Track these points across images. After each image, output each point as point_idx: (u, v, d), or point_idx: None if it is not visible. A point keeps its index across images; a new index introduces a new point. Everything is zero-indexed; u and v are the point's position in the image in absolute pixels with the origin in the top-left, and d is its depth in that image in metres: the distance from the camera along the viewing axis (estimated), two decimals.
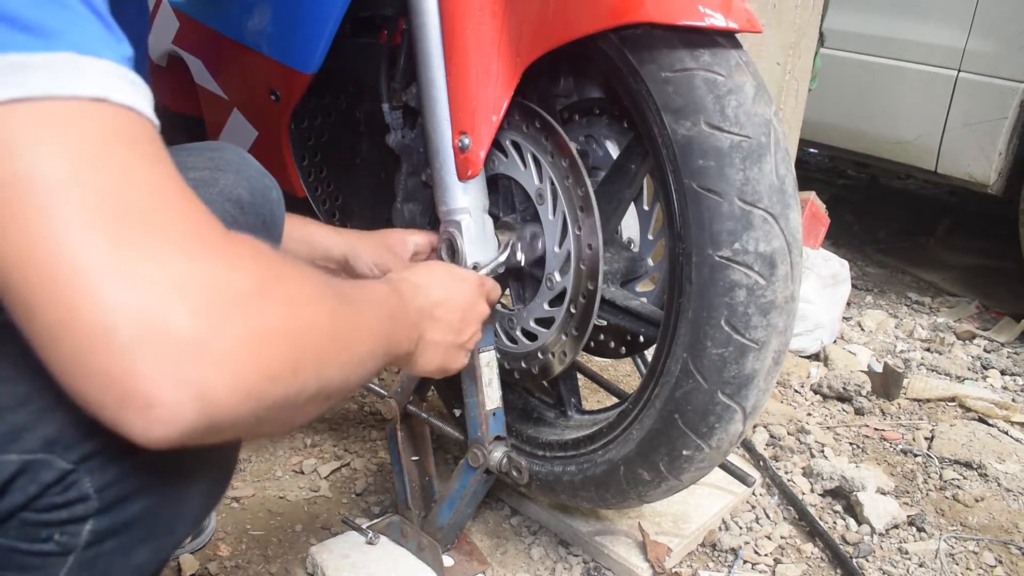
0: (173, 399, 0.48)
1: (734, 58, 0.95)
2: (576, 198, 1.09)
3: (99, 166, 0.49)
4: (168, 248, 0.49)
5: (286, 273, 0.58)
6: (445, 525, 1.21)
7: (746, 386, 0.98)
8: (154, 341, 0.47)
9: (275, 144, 1.42)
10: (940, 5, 2.55)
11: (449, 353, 0.93)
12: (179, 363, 0.48)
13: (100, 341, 0.47)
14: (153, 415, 0.48)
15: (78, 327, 0.46)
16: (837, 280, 2.19)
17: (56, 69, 0.48)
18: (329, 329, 0.60)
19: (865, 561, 1.36)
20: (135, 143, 0.51)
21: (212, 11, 1.43)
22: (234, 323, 0.50)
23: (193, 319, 0.48)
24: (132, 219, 0.48)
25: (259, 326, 0.52)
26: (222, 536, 1.29)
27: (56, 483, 0.59)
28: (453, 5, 1.04)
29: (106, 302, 0.46)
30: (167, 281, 0.48)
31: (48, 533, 0.60)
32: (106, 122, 0.50)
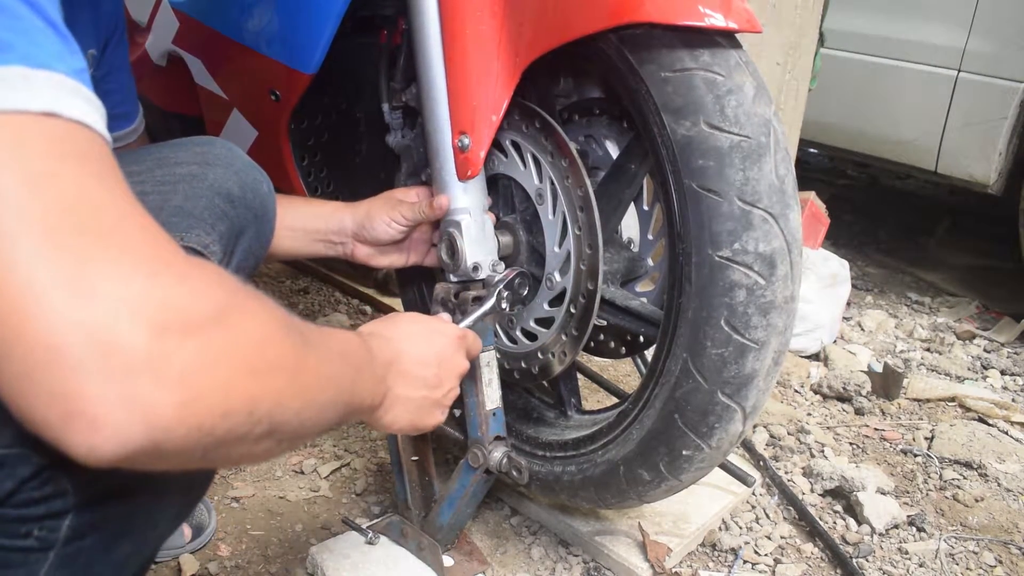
0: (118, 419, 0.46)
1: (734, 58, 0.95)
2: (576, 198, 1.09)
3: (50, 183, 0.47)
4: (122, 267, 0.47)
5: (249, 306, 0.55)
6: (445, 525, 1.21)
7: (746, 386, 0.98)
8: (103, 360, 0.46)
9: (275, 144, 1.42)
10: (940, 5, 2.55)
11: (422, 409, 0.89)
12: (128, 383, 0.46)
13: (47, 360, 0.45)
14: (98, 435, 0.47)
15: (25, 345, 0.45)
16: (837, 280, 2.19)
17: (6, 83, 0.47)
18: (291, 369, 0.58)
19: (865, 561, 1.36)
20: (86, 160, 0.50)
21: (212, 11, 1.43)
22: (189, 348, 0.48)
23: (146, 339, 0.47)
24: (86, 237, 0.47)
25: (215, 355, 0.50)
26: (222, 536, 1.29)
27: (33, 477, 0.58)
28: (453, 5, 1.04)
29: (55, 321, 0.45)
30: (120, 300, 0.46)
31: (27, 528, 0.60)
32: (57, 137, 0.49)
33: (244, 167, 1.00)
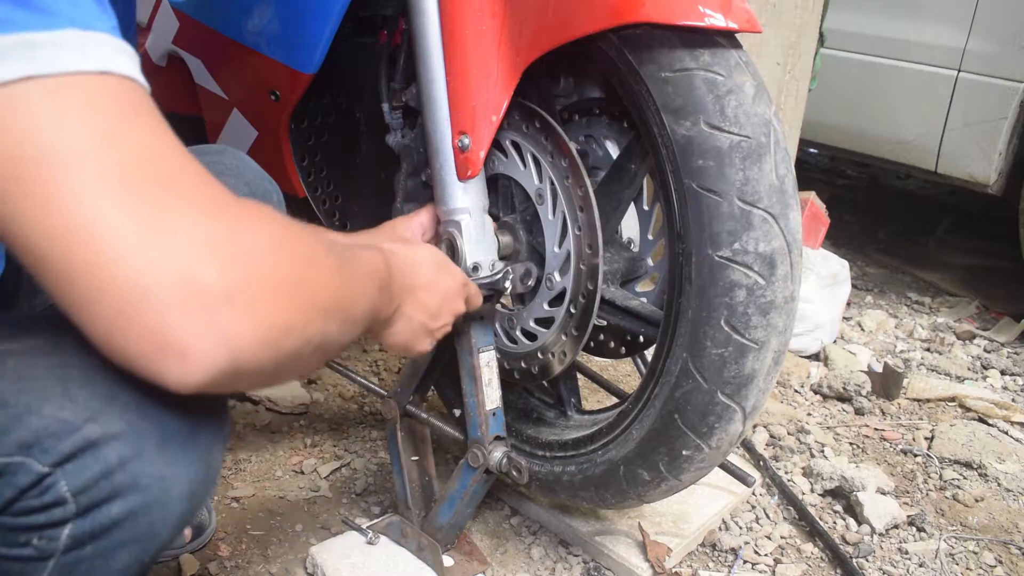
0: (205, 347, 0.52)
1: (734, 58, 0.95)
2: (576, 198, 1.09)
3: (119, 138, 0.52)
4: (192, 211, 0.53)
5: (296, 233, 0.61)
6: (445, 525, 1.21)
7: (746, 386, 0.98)
8: (187, 296, 0.51)
9: (275, 144, 1.42)
10: (940, 5, 2.55)
11: (418, 334, 0.93)
12: (210, 315, 0.52)
13: (139, 299, 0.51)
14: (188, 363, 0.52)
15: (118, 288, 0.50)
16: (837, 280, 2.19)
17: (62, 46, 0.51)
18: (335, 286, 0.65)
19: (865, 561, 1.36)
20: (142, 113, 0.55)
21: (212, 11, 1.42)
22: (256, 277, 0.55)
23: (221, 275, 0.52)
24: (156, 187, 0.52)
25: (278, 279, 0.56)
26: (222, 536, 1.29)
27: (32, 486, 0.58)
28: (453, 5, 1.04)
29: (143, 264, 0.50)
30: (195, 242, 0.52)
31: (27, 538, 0.59)
32: (115, 94, 0.53)
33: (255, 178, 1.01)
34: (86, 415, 0.58)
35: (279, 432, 1.60)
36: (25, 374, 0.59)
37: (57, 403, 0.58)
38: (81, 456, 0.58)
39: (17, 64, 0.49)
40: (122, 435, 0.59)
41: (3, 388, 0.58)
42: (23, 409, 0.57)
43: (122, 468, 0.60)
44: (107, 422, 0.59)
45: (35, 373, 0.59)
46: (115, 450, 0.59)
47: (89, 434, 0.58)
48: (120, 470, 0.60)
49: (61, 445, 0.58)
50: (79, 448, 0.58)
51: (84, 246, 0.50)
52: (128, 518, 0.61)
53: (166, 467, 0.62)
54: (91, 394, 0.59)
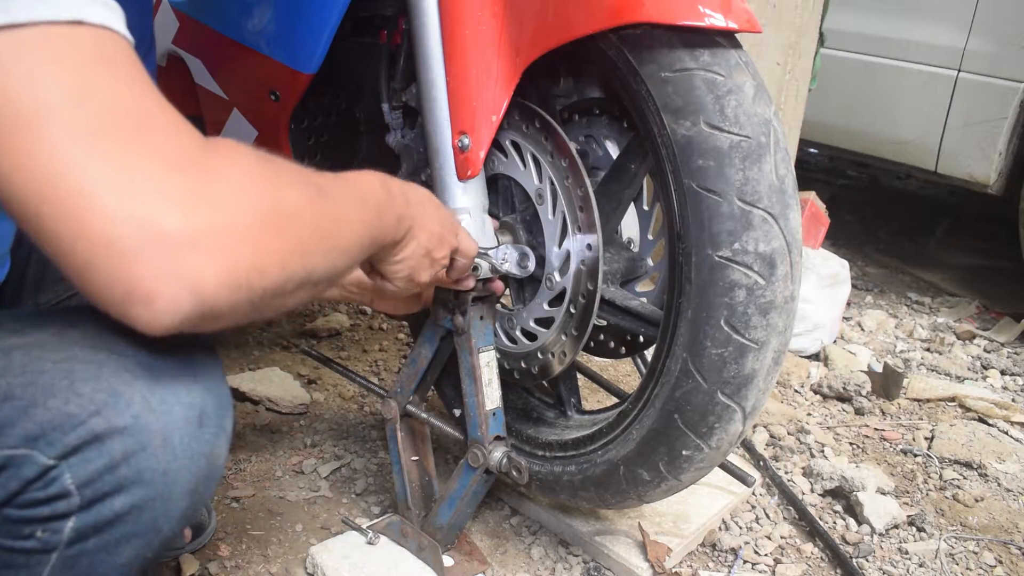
0: (170, 293, 0.54)
1: (734, 58, 0.95)
2: (576, 198, 1.09)
3: (88, 89, 0.53)
4: (157, 163, 0.54)
5: (267, 172, 0.62)
6: (445, 525, 1.21)
7: (746, 386, 0.98)
8: (151, 244, 0.53)
9: (275, 144, 1.42)
10: (940, 5, 2.55)
11: (423, 262, 0.93)
12: (173, 261, 0.53)
13: (105, 248, 0.52)
14: (154, 308, 0.54)
15: (86, 237, 0.52)
16: (837, 280, 2.19)
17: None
18: (311, 221, 0.65)
19: (865, 561, 1.36)
20: (116, 63, 0.55)
21: (212, 11, 1.42)
22: (221, 221, 0.56)
23: (184, 222, 0.54)
24: (123, 137, 0.54)
25: (244, 222, 0.57)
26: (222, 536, 1.29)
27: (37, 479, 0.58)
28: (453, 5, 1.04)
29: (109, 214, 0.52)
30: (159, 191, 0.53)
31: (31, 530, 0.60)
32: (87, 44, 0.54)
33: None
34: (91, 409, 0.59)
35: (279, 432, 1.60)
36: (31, 368, 0.60)
37: (63, 397, 0.59)
38: (86, 449, 0.59)
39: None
40: (127, 429, 0.60)
41: (9, 382, 0.59)
42: (29, 402, 0.58)
43: (126, 462, 0.60)
44: (112, 416, 0.60)
45: (41, 367, 0.60)
46: (120, 444, 0.60)
47: (94, 427, 0.59)
48: (124, 464, 0.60)
49: (66, 438, 0.58)
50: (84, 441, 0.59)
51: (54, 199, 0.52)
52: (131, 512, 0.62)
53: (170, 462, 0.62)
54: (97, 388, 0.60)
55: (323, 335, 2.02)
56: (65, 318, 0.66)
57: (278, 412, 1.66)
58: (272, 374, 1.74)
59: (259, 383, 1.69)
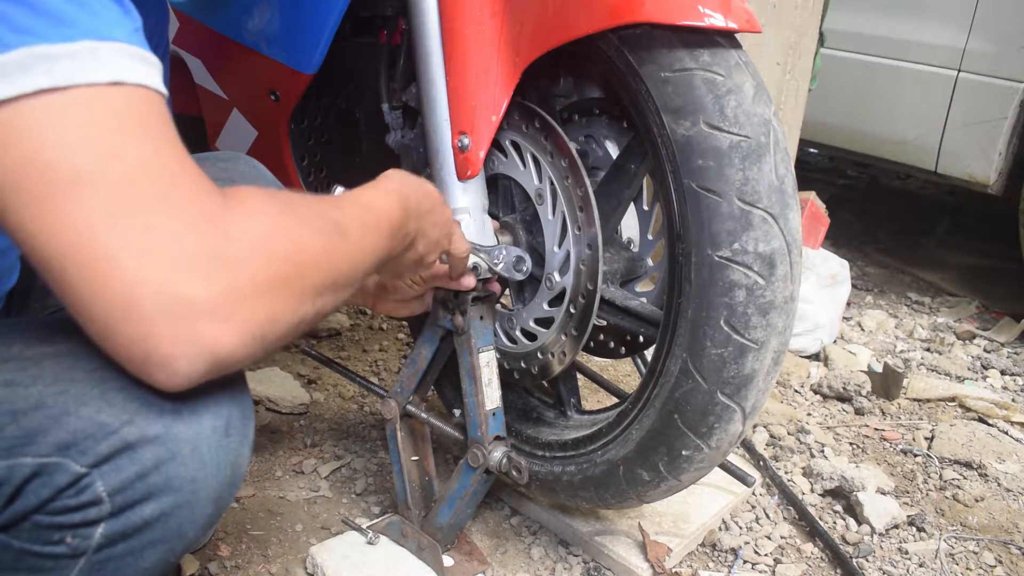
0: (188, 356, 0.56)
1: (733, 58, 0.95)
2: (576, 198, 1.09)
3: (117, 155, 0.54)
4: (177, 229, 0.55)
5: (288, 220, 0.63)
6: (445, 525, 1.21)
7: (745, 386, 0.98)
8: (168, 311, 0.54)
9: (275, 144, 1.42)
10: (940, 5, 2.55)
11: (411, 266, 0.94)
12: (190, 327, 0.55)
13: (124, 312, 0.54)
14: (171, 370, 0.56)
15: (106, 301, 0.54)
16: (837, 280, 2.19)
17: (78, 58, 0.53)
18: (327, 266, 0.66)
19: (865, 561, 1.36)
20: (147, 124, 0.57)
21: (212, 11, 1.43)
22: (239, 284, 0.57)
23: (203, 288, 0.55)
24: (147, 204, 0.55)
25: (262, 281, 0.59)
26: (222, 536, 1.29)
27: (69, 486, 0.59)
28: (453, 5, 1.04)
29: (128, 280, 0.54)
30: (177, 257, 0.55)
31: (60, 536, 0.61)
32: (122, 106, 0.55)
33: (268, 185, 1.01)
34: (124, 418, 0.60)
35: (279, 432, 1.60)
36: (63, 376, 0.61)
37: (95, 405, 0.60)
38: (118, 457, 0.60)
39: (34, 77, 0.52)
40: (158, 438, 0.61)
41: (41, 390, 0.60)
42: (61, 411, 0.59)
43: (157, 470, 0.61)
44: (144, 425, 0.61)
45: (73, 376, 0.61)
46: (151, 452, 0.61)
47: (127, 436, 0.60)
48: (155, 472, 0.61)
49: (99, 447, 0.59)
50: (116, 450, 0.60)
51: (77, 261, 0.54)
52: (159, 518, 0.63)
53: (198, 470, 0.64)
54: (128, 397, 0.61)
55: (323, 335, 2.02)
56: None
57: (278, 412, 1.66)
58: (272, 374, 1.74)
59: (259, 383, 1.70)
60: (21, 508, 0.60)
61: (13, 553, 0.62)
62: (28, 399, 0.59)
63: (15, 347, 0.62)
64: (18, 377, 0.60)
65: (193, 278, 0.55)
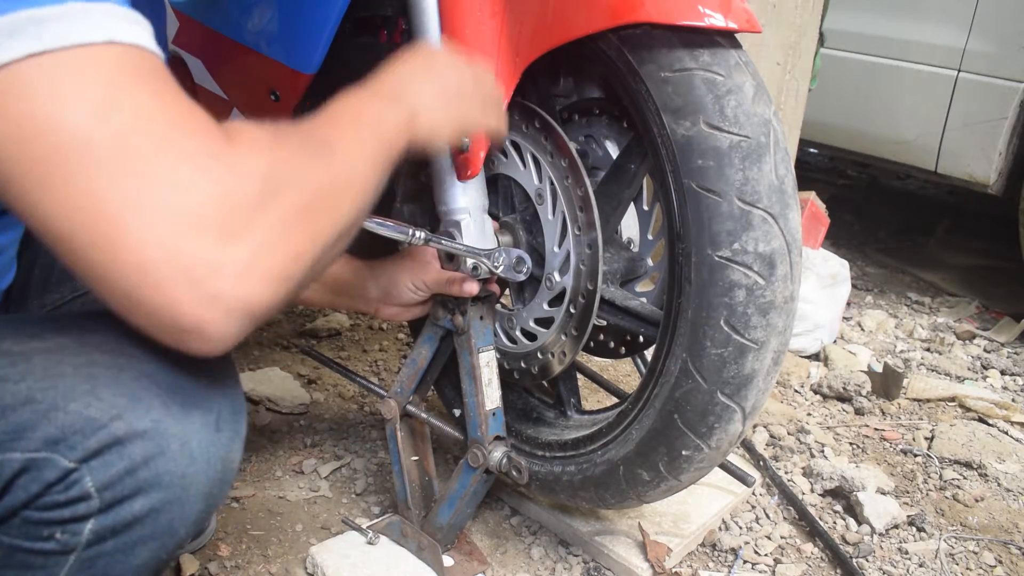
0: (215, 318, 0.53)
1: (733, 58, 0.95)
2: (576, 198, 1.09)
3: (115, 111, 0.52)
4: (180, 177, 0.52)
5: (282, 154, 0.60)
6: (445, 525, 1.21)
7: (745, 386, 0.98)
8: (186, 270, 0.51)
9: None
10: (940, 5, 2.55)
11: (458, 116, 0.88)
12: (212, 285, 0.52)
13: (141, 278, 0.51)
14: (204, 335, 0.53)
15: (119, 268, 0.51)
16: (837, 280, 2.19)
17: (67, 19, 0.51)
18: (330, 188, 0.63)
19: (865, 561, 1.36)
20: (142, 79, 0.54)
21: (212, 11, 1.42)
22: (252, 229, 0.54)
23: (216, 240, 0.52)
24: (149, 158, 0.52)
25: (274, 221, 0.56)
26: (222, 536, 1.29)
27: (58, 482, 0.59)
28: (453, 5, 1.04)
29: (137, 241, 0.50)
30: (185, 211, 0.51)
31: (50, 532, 0.61)
32: (116, 64, 0.53)
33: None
34: (112, 413, 0.60)
35: (279, 432, 1.60)
36: (52, 372, 0.60)
37: (84, 401, 0.59)
38: (107, 453, 0.60)
39: (24, 42, 0.50)
40: (147, 433, 0.61)
41: (30, 385, 0.59)
42: (50, 406, 0.59)
43: (146, 465, 0.61)
44: (133, 420, 0.60)
45: (62, 371, 0.60)
46: (140, 447, 0.60)
47: (115, 431, 0.60)
48: (144, 467, 0.61)
49: (87, 442, 0.59)
50: (105, 445, 0.59)
51: (84, 227, 0.51)
52: (149, 515, 0.63)
53: (188, 465, 0.63)
54: (117, 392, 0.60)
55: (323, 335, 2.03)
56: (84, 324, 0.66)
57: (278, 412, 1.66)
58: (272, 374, 1.74)
59: (259, 383, 1.70)
60: (10, 504, 0.59)
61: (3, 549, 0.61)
62: (17, 394, 0.59)
63: (5, 343, 0.62)
64: (7, 373, 0.59)
65: (205, 229, 0.52)
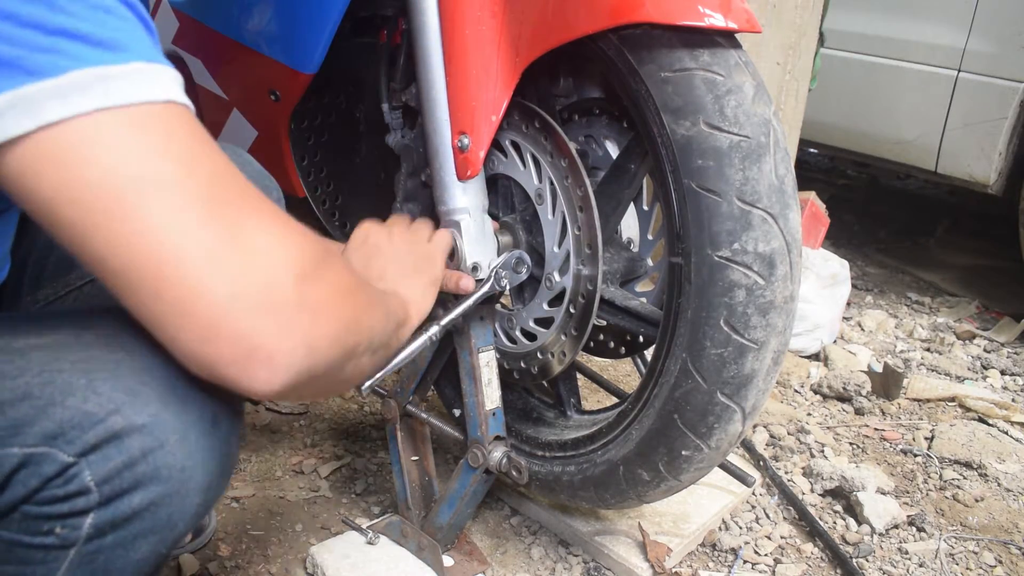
0: (288, 348, 0.58)
1: (733, 58, 0.95)
2: (575, 198, 1.09)
3: (196, 162, 0.57)
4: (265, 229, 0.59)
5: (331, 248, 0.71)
6: (445, 525, 1.21)
7: (745, 386, 0.98)
8: (270, 304, 0.57)
9: (275, 144, 1.42)
10: (940, 5, 2.55)
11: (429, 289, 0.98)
12: (291, 318, 0.58)
13: (228, 311, 0.56)
14: (274, 364, 0.58)
15: (208, 302, 0.55)
16: (837, 280, 2.19)
17: (131, 78, 0.55)
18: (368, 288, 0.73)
19: (865, 561, 1.36)
20: (204, 138, 0.59)
21: (212, 11, 1.43)
22: (319, 283, 0.61)
23: (294, 282, 0.59)
24: (233, 206, 0.58)
25: (335, 285, 0.64)
26: (222, 536, 1.29)
27: (57, 476, 0.60)
28: (453, 5, 1.04)
29: (231, 278, 0.56)
30: (273, 255, 0.58)
31: (50, 526, 0.61)
32: (180, 122, 0.57)
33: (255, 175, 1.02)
34: (110, 407, 0.60)
35: (279, 432, 1.60)
36: (50, 367, 0.61)
37: (81, 395, 0.60)
38: (105, 447, 0.60)
39: (96, 96, 0.53)
40: (145, 427, 0.61)
41: (28, 381, 0.60)
42: (48, 401, 0.59)
43: (144, 459, 0.61)
44: (131, 414, 0.61)
45: (60, 366, 0.61)
46: (138, 441, 0.61)
47: (113, 425, 0.60)
48: (143, 461, 0.61)
49: (86, 436, 0.59)
50: (103, 439, 0.60)
51: (174, 267, 0.55)
52: (149, 508, 0.63)
53: (186, 459, 0.64)
54: (115, 387, 0.61)
55: None
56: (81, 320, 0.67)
57: (278, 412, 1.66)
58: None
59: None
60: (9, 499, 0.60)
61: (3, 545, 0.62)
62: (15, 390, 0.59)
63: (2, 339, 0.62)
64: (5, 369, 0.60)
65: (285, 273, 0.58)
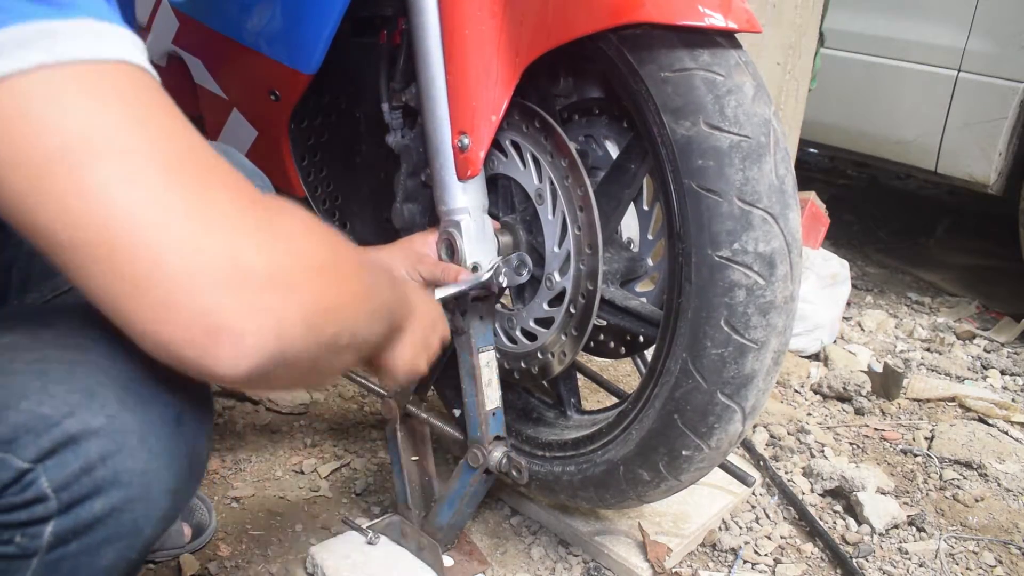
0: (256, 327, 0.52)
1: (733, 58, 0.95)
2: (576, 198, 1.09)
3: (151, 123, 0.51)
4: (232, 196, 0.53)
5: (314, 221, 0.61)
6: (445, 525, 1.21)
7: (745, 386, 0.98)
8: (235, 279, 0.51)
9: (275, 144, 1.42)
10: (940, 5, 2.55)
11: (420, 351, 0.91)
12: (258, 296, 0.52)
13: (187, 284, 0.50)
14: (240, 344, 0.52)
15: (166, 275, 0.50)
16: (837, 280, 2.18)
17: (79, 35, 0.50)
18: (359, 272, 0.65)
19: (865, 561, 1.36)
20: (162, 103, 0.54)
21: (212, 11, 1.42)
22: (296, 258, 0.56)
23: (265, 257, 0.53)
24: (195, 172, 0.52)
25: (315, 261, 0.58)
26: (222, 536, 1.29)
27: (13, 483, 0.57)
28: (453, 5, 1.04)
29: (192, 249, 0.50)
30: (239, 225, 0.52)
31: (9, 535, 0.58)
32: (133, 83, 0.52)
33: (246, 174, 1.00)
34: (65, 410, 0.57)
35: (279, 432, 1.60)
36: (3, 369, 0.58)
37: (36, 398, 0.57)
38: (61, 451, 0.57)
39: (35, 53, 0.48)
40: (102, 430, 0.58)
41: None
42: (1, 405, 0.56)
43: (103, 463, 0.58)
44: (87, 417, 0.58)
45: (13, 368, 0.58)
46: (95, 445, 0.58)
47: (68, 429, 0.57)
48: (101, 465, 0.58)
49: (40, 440, 0.56)
50: (59, 443, 0.57)
51: (127, 237, 0.49)
52: (111, 514, 0.60)
53: (148, 461, 0.61)
54: (70, 389, 0.58)
55: None
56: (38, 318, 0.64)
57: (278, 412, 1.66)
58: None
59: None
60: None
61: None
62: None
63: None
64: None
65: (255, 246, 0.52)
